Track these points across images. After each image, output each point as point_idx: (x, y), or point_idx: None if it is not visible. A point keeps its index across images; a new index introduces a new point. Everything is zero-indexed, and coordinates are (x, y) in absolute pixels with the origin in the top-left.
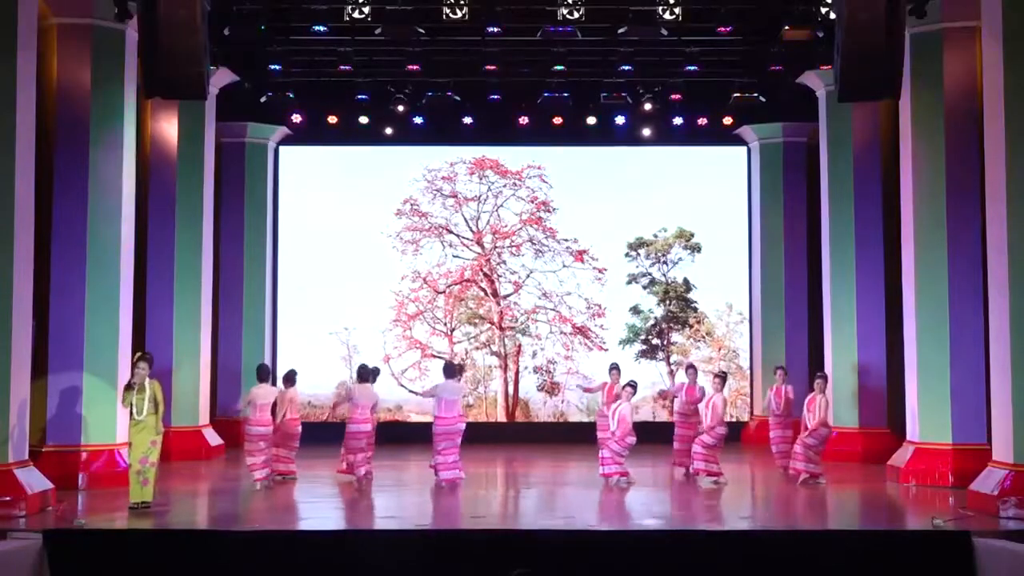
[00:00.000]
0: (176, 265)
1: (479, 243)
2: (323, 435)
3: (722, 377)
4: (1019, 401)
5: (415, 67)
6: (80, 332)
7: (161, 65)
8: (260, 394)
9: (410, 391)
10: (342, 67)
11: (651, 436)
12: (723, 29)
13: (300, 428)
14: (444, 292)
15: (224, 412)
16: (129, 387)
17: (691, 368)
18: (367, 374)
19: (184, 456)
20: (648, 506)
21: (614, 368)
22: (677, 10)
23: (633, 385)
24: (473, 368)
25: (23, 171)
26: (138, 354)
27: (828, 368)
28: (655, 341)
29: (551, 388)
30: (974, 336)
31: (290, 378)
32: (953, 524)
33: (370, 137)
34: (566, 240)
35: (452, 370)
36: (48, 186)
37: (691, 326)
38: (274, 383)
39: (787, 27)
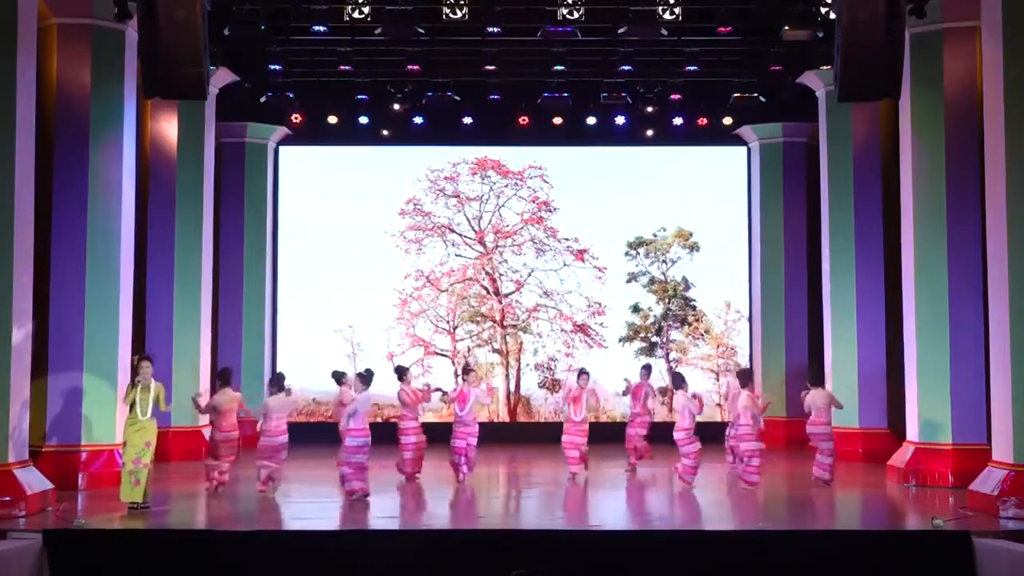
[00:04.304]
0: (176, 265)
1: (481, 242)
2: (326, 435)
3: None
4: (1019, 401)
5: (415, 67)
6: (80, 332)
7: (161, 65)
8: (275, 405)
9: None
10: (342, 67)
11: (651, 436)
12: (723, 29)
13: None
14: (447, 290)
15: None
16: (134, 385)
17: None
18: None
19: (184, 456)
20: (648, 506)
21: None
22: (677, 10)
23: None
24: (476, 366)
25: (23, 171)
26: (138, 355)
27: (828, 368)
28: (654, 339)
29: (552, 385)
30: (974, 336)
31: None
32: (953, 524)
33: (370, 137)
34: (567, 239)
35: (368, 380)
36: (48, 186)
37: (690, 324)
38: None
39: (787, 27)
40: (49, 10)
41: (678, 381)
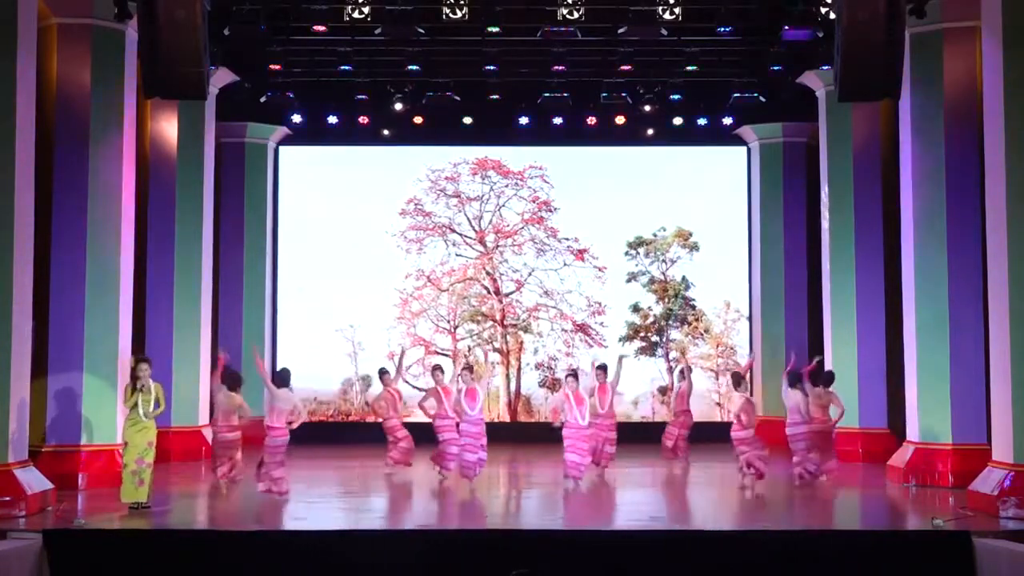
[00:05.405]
0: (176, 265)
1: (482, 242)
2: (327, 435)
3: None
4: (1019, 401)
5: (415, 67)
6: (80, 332)
7: (161, 65)
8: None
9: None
10: (342, 67)
11: (650, 435)
12: (723, 29)
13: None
14: (447, 290)
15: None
16: (135, 389)
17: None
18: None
19: (184, 456)
20: (648, 506)
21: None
22: (677, 10)
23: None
24: (476, 365)
25: (23, 171)
26: (136, 356)
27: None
28: (654, 338)
29: (552, 384)
30: (974, 336)
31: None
32: (953, 524)
33: (370, 137)
34: (567, 239)
35: (285, 378)
36: (48, 186)
37: (690, 323)
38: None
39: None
40: (49, 10)
41: (737, 380)
